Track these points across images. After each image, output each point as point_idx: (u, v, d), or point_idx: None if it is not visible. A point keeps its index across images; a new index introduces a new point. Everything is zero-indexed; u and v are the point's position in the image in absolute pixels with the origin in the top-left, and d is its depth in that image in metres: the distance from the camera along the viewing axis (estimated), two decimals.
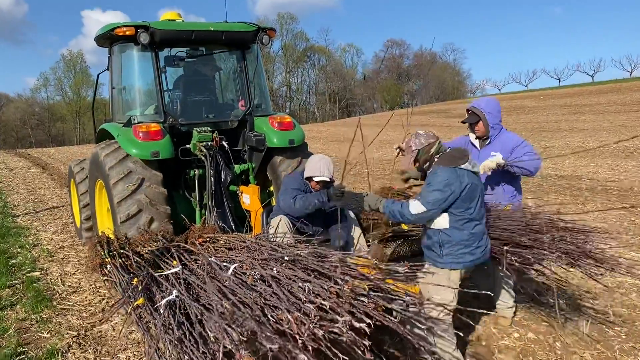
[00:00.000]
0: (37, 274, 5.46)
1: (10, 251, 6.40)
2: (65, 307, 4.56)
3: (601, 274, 3.36)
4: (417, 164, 3.39)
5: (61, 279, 5.30)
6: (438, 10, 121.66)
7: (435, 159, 3.26)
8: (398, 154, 4.18)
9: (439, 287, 3.04)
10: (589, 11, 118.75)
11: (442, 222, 3.17)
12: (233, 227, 4.86)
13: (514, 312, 4.10)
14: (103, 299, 4.73)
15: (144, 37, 4.81)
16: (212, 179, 4.91)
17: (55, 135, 61.24)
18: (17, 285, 5.11)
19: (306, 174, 4.08)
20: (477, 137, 4.04)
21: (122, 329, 3.95)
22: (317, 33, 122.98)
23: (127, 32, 4.82)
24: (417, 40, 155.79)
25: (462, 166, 3.14)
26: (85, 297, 4.80)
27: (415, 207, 3.11)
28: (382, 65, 76.25)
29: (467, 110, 4.02)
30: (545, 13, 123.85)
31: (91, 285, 5.13)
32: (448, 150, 3.33)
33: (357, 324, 1.94)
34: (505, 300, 4.05)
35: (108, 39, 5.28)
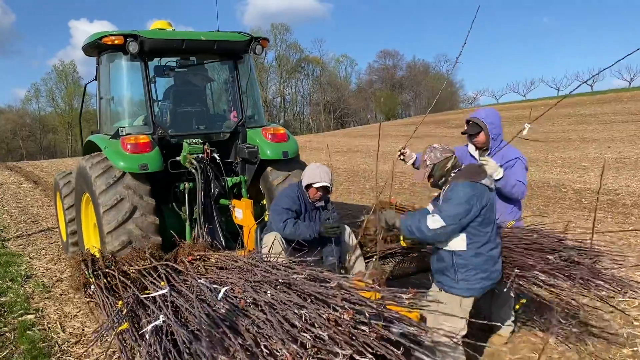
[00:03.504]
0: (31, 317, 4.63)
1: None
2: None
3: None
4: (432, 179, 3.18)
5: (60, 324, 4.47)
6: (430, 22, 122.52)
7: (452, 174, 3.08)
8: (399, 156, 4.04)
9: (450, 315, 2.75)
10: (578, 21, 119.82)
11: (459, 242, 2.96)
12: (223, 242, 4.67)
13: (511, 332, 3.90)
14: (114, 352, 3.65)
15: (133, 47, 4.66)
16: (203, 193, 4.74)
17: (47, 146, 60.65)
18: (8, 334, 4.26)
19: (305, 182, 3.97)
20: (476, 149, 3.92)
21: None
22: (311, 44, 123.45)
23: (116, 41, 4.67)
24: (410, 51, 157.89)
25: (482, 182, 2.97)
26: (92, 350, 3.91)
27: (434, 221, 2.88)
28: (375, 76, 76.67)
29: (467, 122, 3.90)
30: (534, 23, 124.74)
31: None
32: (464, 165, 3.18)
33: (358, 358, 1.76)
34: (504, 318, 3.90)
35: (96, 48, 5.11)
